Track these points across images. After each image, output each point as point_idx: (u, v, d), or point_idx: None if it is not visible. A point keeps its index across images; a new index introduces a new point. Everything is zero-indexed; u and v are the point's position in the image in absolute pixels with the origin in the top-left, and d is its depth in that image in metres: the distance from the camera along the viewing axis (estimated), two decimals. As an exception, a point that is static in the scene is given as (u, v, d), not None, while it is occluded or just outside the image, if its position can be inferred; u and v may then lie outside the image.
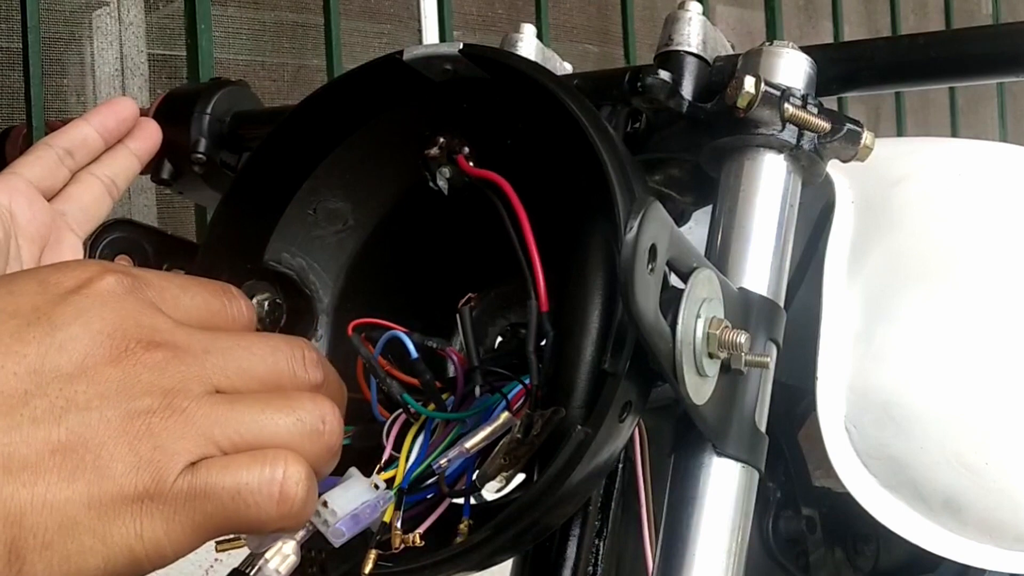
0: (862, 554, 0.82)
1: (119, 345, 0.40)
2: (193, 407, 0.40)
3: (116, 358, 0.40)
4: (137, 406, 0.39)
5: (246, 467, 0.40)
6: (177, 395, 0.40)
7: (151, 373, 0.40)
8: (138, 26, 1.72)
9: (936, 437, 0.67)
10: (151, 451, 0.39)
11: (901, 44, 0.62)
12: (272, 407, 0.42)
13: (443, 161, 0.57)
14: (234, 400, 0.41)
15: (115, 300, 0.41)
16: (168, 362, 0.40)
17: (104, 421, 0.39)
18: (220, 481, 0.40)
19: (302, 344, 0.45)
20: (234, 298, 0.46)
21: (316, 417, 0.42)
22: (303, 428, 0.42)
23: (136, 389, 0.40)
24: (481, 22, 2.09)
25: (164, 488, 0.39)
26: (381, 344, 0.53)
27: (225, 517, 0.40)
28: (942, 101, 2.72)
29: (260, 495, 0.40)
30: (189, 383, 0.41)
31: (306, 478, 0.41)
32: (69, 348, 0.39)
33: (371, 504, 0.47)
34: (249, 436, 0.41)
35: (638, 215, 0.44)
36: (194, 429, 0.40)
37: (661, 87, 0.59)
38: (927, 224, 0.72)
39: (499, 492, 0.51)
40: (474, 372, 0.54)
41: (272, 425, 0.41)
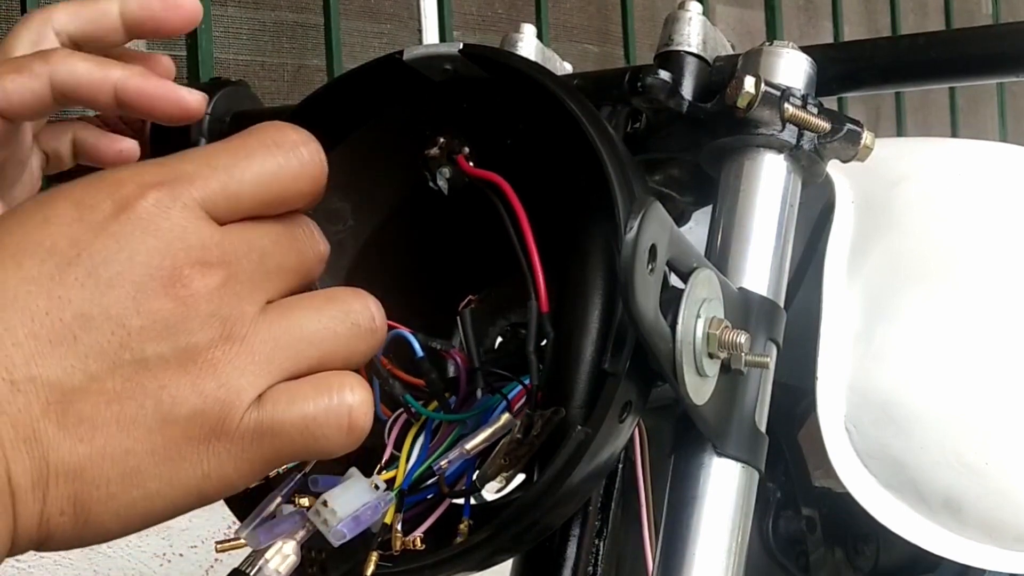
0: (862, 554, 0.82)
1: (170, 275, 0.37)
2: (251, 333, 0.38)
3: (168, 290, 0.37)
4: (196, 341, 0.37)
5: (312, 398, 0.39)
6: (236, 322, 0.38)
7: (208, 302, 0.38)
8: (138, 26, 1.72)
9: (936, 437, 0.67)
10: (216, 390, 0.37)
11: (901, 44, 0.62)
12: (326, 314, 0.40)
13: (443, 161, 0.57)
14: (288, 312, 0.39)
15: (158, 220, 0.38)
16: (223, 286, 0.38)
17: (162, 362, 0.37)
18: (287, 416, 0.38)
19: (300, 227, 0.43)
20: (293, 145, 0.41)
21: (368, 316, 0.41)
22: (359, 331, 0.41)
23: (194, 322, 0.37)
24: (481, 22, 2.09)
25: (231, 428, 0.38)
26: (385, 343, 0.53)
27: (293, 451, 0.39)
28: (942, 101, 2.72)
29: (328, 427, 0.39)
30: (245, 304, 0.38)
31: (370, 402, 0.40)
32: (117, 287, 0.37)
33: (372, 505, 0.47)
34: (311, 353, 0.40)
35: (638, 215, 0.44)
36: (256, 359, 0.38)
37: (661, 87, 0.59)
38: (927, 224, 0.72)
39: (499, 492, 0.51)
40: (475, 373, 0.54)
41: (332, 336, 0.40)
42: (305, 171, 0.42)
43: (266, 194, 0.41)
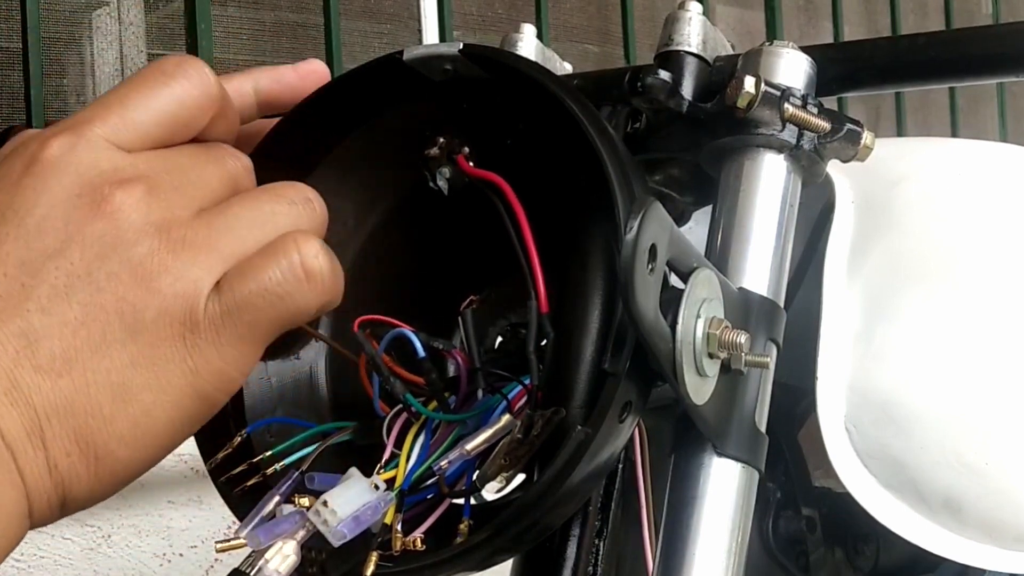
0: (862, 554, 0.82)
1: (92, 198, 0.39)
2: (191, 233, 0.40)
3: (95, 212, 0.39)
4: (139, 250, 0.39)
5: (262, 265, 0.40)
6: (172, 226, 0.39)
7: (136, 213, 0.39)
8: (138, 26, 1.72)
9: (936, 437, 0.67)
10: (172, 285, 0.39)
11: (901, 44, 0.62)
12: (261, 201, 0.42)
13: (443, 161, 0.57)
14: (223, 210, 0.41)
15: (66, 158, 0.40)
16: (147, 195, 0.40)
17: (112, 277, 0.38)
18: (246, 288, 0.39)
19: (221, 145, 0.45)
20: (190, 76, 0.43)
21: (302, 196, 0.43)
22: (298, 209, 0.42)
23: (130, 235, 0.39)
24: (481, 22, 2.09)
25: (198, 316, 0.39)
26: (386, 341, 0.53)
27: (268, 318, 0.40)
28: (942, 101, 2.72)
29: (288, 283, 0.40)
30: (175, 210, 0.40)
31: (321, 249, 0.41)
32: (45, 227, 0.38)
33: (372, 505, 0.47)
34: (253, 237, 0.41)
35: (638, 215, 0.44)
36: (202, 251, 0.39)
37: (661, 87, 0.59)
38: (927, 224, 0.72)
39: (499, 492, 0.51)
40: (476, 374, 0.54)
41: (271, 217, 0.41)
42: (198, 91, 0.43)
43: (166, 118, 0.42)
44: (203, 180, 0.42)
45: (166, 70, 0.43)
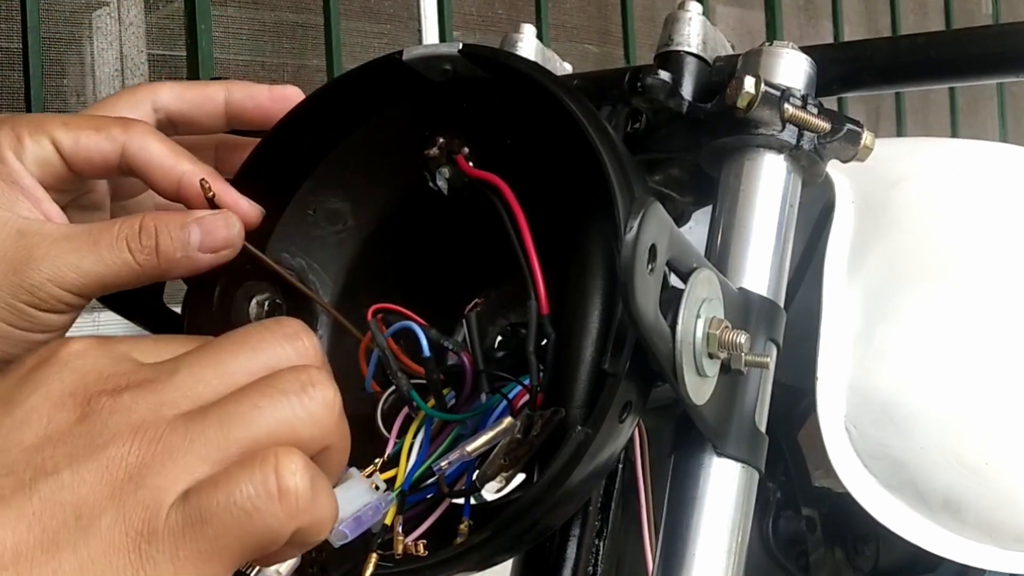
0: (862, 554, 0.82)
1: (81, 401, 0.38)
2: (167, 434, 0.38)
3: (81, 415, 0.38)
4: (110, 453, 0.37)
5: (235, 477, 0.37)
6: (149, 427, 0.38)
7: (118, 416, 0.38)
8: (138, 26, 1.72)
9: (936, 437, 0.67)
10: (134, 492, 0.37)
11: (901, 44, 0.62)
12: (249, 394, 0.39)
13: (442, 161, 0.57)
14: (209, 408, 0.39)
15: (78, 359, 0.40)
16: (135, 398, 0.38)
17: (77, 478, 0.37)
18: (212, 500, 0.37)
19: (277, 322, 0.43)
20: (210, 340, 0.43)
21: (299, 386, 0.40)
22: (288, 402, 0.39)
23: (104, 436, 0.38)
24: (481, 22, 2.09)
25: (157, 527, 0.37)
26: (392, 330, 0.53)
27: (233, 535, 0.37)
28: (942, 101, 2.72)
29: (258, 499, 0.37)
30: (160, 409, 0.38)
31: (303, 467, 0.38)
32: (30, 420, 0.38)
33: (373, 505, 0.47)
34: (236, 439, 0.38)
35: (638, 215, 0.44)
36: (175, 456, 0.37)
37: (661, 87, 0.59)
38: (927, 224, 0.72)
39: (499, 492, 0.51)
40: (480, 376, 0.54)
41: (256, 416, 0.39)
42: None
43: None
44: (219, 374, 0.40)
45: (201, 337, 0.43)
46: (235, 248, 0.54)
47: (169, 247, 0.52)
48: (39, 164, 0.55)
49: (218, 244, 0.53)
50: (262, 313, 0.60)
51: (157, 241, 0.52)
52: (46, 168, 0.55)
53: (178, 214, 0.53)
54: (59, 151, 0.55)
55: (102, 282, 0.53)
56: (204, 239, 0.53)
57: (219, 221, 0.53)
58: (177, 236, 0.52)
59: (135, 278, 0.53)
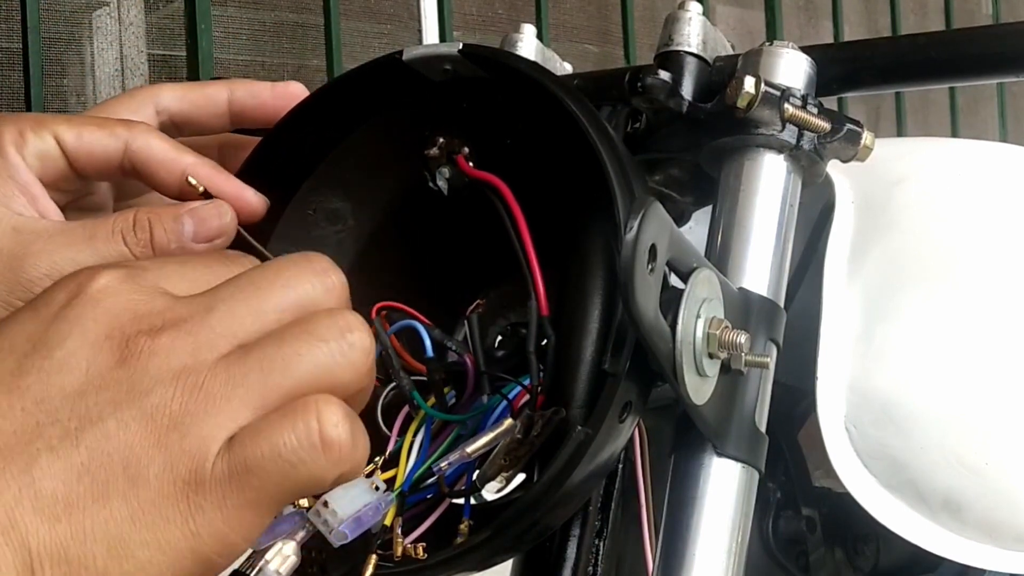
0: (862, 554, 0.82)
1: (119, 343, 0.38)
2: (209, 379, 0.38)
3: (120, 358, 0.38)
4: (153, 401, 0.37)
5: (278, 427, 0.38)
6: (191, 373, 0.38)
7: (158, 359, 0.38)
8: (138, 26, 1.72)
9: (936, 437, 0.67)
10: (179, 442, 0.37)
11: (901, 44, 0.62)
12: (288, 339, 0.39)
13: (442, 161, 0.57)
14: (249, 351, 0.39)
15: (109, 296, 0.39)
16: (174, 341, 0.38)
17: (122, 426, 0.37)
18: (257, 450, 0.37)
19: (305, 258, 0.42)
20: (235, 259, 0.44)
21: (338, 331, 0.40)
22: (328, 349, 0.40)
23: (145, 382, 0.38)
24: (481, 22, 2.09)
25: (204, 476, 0.37)
26: (395, 328, 0.54)
27: (278, 484, 0.38)
28: (942, 101, 2.72)
29: (303, 450, 0.38)
30: (200, 353, 0.38)
31: (343, 416, 0.38)
32: (70, 364, 0.38)
33: (373, 506, 0.47)
34: (277, 385, 0.39)
35: (638, 215, 0.44)
36: (218, 403, 0.38)
37: (661, 87, 0.59)
38: (927, 224, 0.72)
39: (499, 492, 0.51)
40: (483, 378, 0.54)
41: (296, 361, 0.39)
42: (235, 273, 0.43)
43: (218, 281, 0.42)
44: (253, 311, 0.40)
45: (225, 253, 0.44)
46: (229, 237, 0.54)
47: (163, 239, 0.52)
48: (40, 158, 0.55)
49: (211, 233, 0.53)
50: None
51: (151, 233, 0.52)
52: (47, 163, 0.55)
53: (172, 207, 0.53)
54: (61, 147, 0.55)
55: None
56: (198, 229, 0.53)
57: (211, 210, 0.53)
58: (171, 228, 0.52)
59: None
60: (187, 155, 0.55)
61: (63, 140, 0.55)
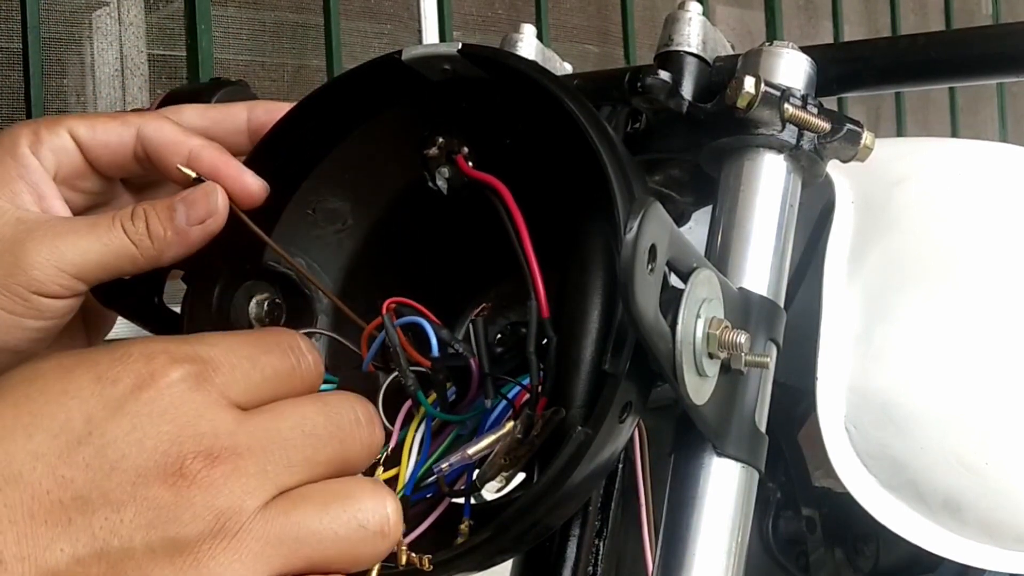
0: (862, 554, 0.82)
1: (174, 464, 0.37)
2: (245, 530, 0.38)
3: (169, 479, 0.37)
4: (186, 532, 0.37)
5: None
6: (232, 516, 0.38)
7: (206, 495, 0.37)
8: (138, 26, 1.72)
9: (936, 437, 0.67)
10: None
11: (901, 44, 0.62)
12: (332, 512, 0.39)
13: (442, 161, 0.57)
14: (291, 510, 0.39)
15: (177, 404, 0.38)
16: (227, 479, 0.38)
17: (148, 552, 0.37)
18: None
19: (364, 409, 0.43)
20: (303, 353, 0.43)
21: (379, 519, 0.40)
22: (365, 535, 0.40)
23: (187, 514, 0.37)
24: (481, 22, 2.09)
25: None
26: (399, 323, 0.54)
27: None
28: (942, 101, 2.72)
29: None
30: (246, 498, 0.38)
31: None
32: (120, 472, 0.37)
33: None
34: (307, 553, 0.39)
35: (638, 215, 0.44)
36: (244, 557, 0.37)
37: (661, 87, 0.59)
38: (927, 224, 0.72)
39: (499, 492, 0.51)
40: (486, 380, 0.54)
41: (332, 536, 0.39)
42: (309, 375, 0.43)
43: (281, 388, 0.42)
44: (309, 463, 0.40)
45: (292, 345, 0.43)
46: (220, 217, 0.55)
47: (158, 227, 0.53)
48: (56, 152, 0.56)
49: (201, 215, 0.54)
50: (261, 313, 0.60)
51: (148, 223, 0.53)
52: (63, 157, 0.56)
53: (168, 198, 0.55)
54: (76, 141, 0.56)
55: (101, 263, 0.53)
56: (189, 212, 0.54)
57: (198, 193, 0.55)
58: (164, 216, 0.54)
59: (132, 261, 0.54)
60: (194, 139, 0.56)
61: (77, 134, 0.56)
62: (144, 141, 0.56)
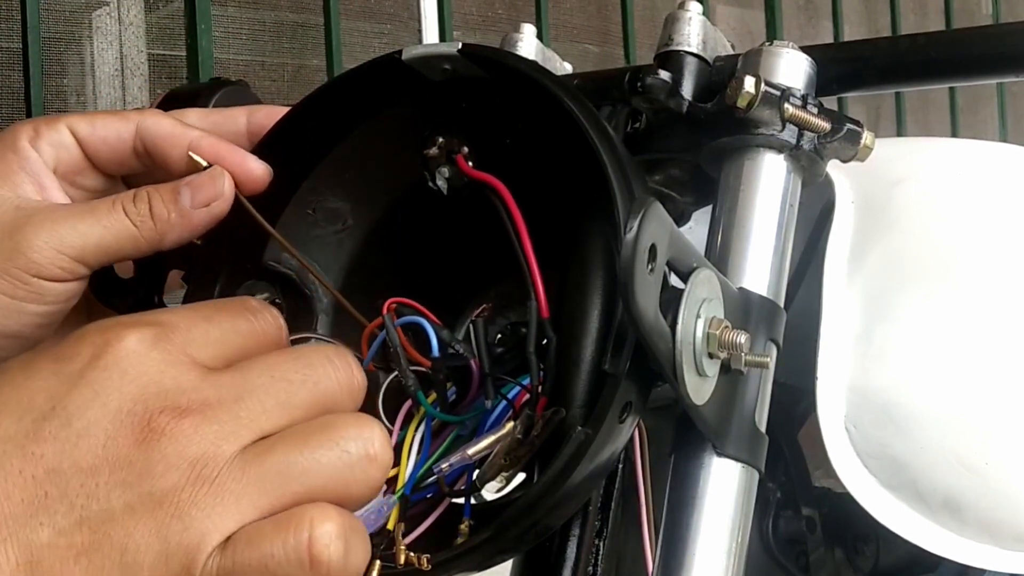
0: (862, 554, 0.82)
1: (141, 421, 0.38)
2: (224, 473, 0.37)
3: (139, 437, 0.37)
4: (161, 485, 0.37)
5: (269, 537, 0.37)
6: (208, 463, 0.37)
7: (178, 444, 0.37)
8: (138, 26, 1.72)
9: (936, 437, 0.67)
10: (180, 534, 0.37)
11: (901, 44, 0.62)
12: (312, 443, 0.39)
13: (442, 161, 0.57)
14: (271, 449, 0.39)
15: (137, 364, 0.39)
16: (198, 427, 0.38)
17: (128, 511, 0.37)
18: (246, 558, 0.37)
19: (337, 353, 0.42)
20: (259, 311, 0.43)
21: (362, 444, 0.40)
22: (349, 460, 0.39)
23: (161, 467, 0.37)
24: (481, 22, 2.09)
25: (194, 572, 0.37)
26: (400, 322, 0.54)
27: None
28: (942, 101, 2.72)
29: (288, 565, 0.37)
30: (222, 443, 0.38)
31: (339, 533, 0.38)
32: (87, 438, 0.37)
33: (375, 509, 0.47)
34: (293, 488, 0.38)
35: (638, 215, 0.44)
36: (226, 499, 0.37)
37: (661, 87, 0.59)
38: (927, 224, 0.72)
39: (499, 492, 0.51)
40: (486, 380, 0.54)
41: (316, 469, 0.39)
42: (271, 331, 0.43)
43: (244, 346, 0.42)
44: (281, 406, 0.40)
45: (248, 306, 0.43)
46: (226, 200, 0.55)
47: (162, 209, 0.53)
48: (55, 147, 0.56)
49: (207, 197, 0.54)
50: (262, 313, 0.60)
51: (150, 204, 0.53)
52: (62, 152, 0.56)
53: (172, 182, 0.55)
54: (76, 136, 0.56)
55: (101, 246, 0.53)
56: (194, 195, 0.54)
57: (205, 177, 0.55)
58: (168, 198, 0.54)
59: (134, 244, 0.53)
60: (192, 130, 0.57)
61: (77, 130, 0.56)
62: (143, 134, 0.56)
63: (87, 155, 0.57)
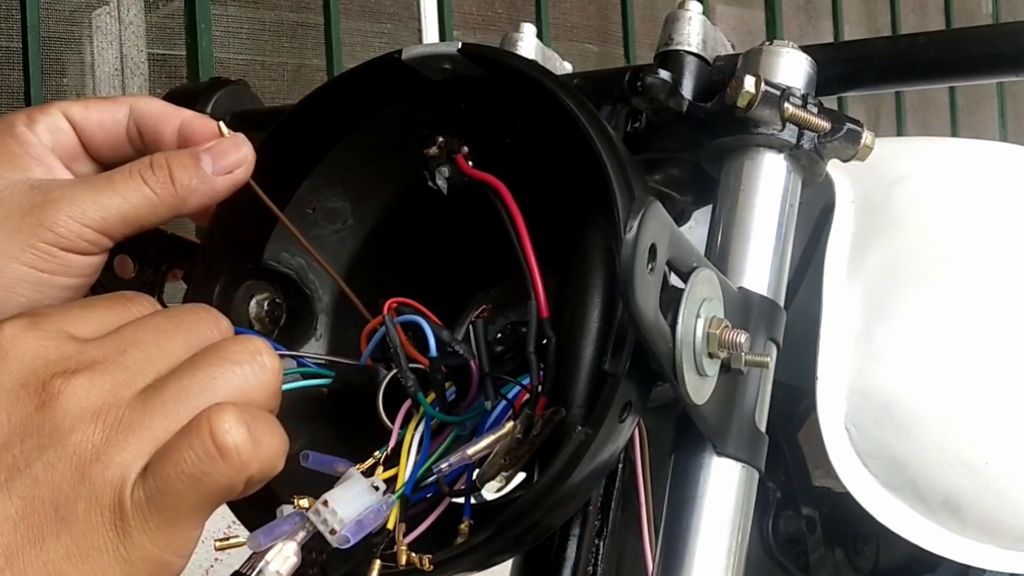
0: (862, 554, 0.82)
1: (36, 390, 0.39)
2: (127, 413, 0.39)
3: (39, 403, 0.39)
4: (75, 438, 0.39)
5: (177, 446, 0.39)
6: (111, 408, 0.39)
7: (78, 399, 0.39)
8: (138, 26, 1.72)
9: (936, 437, 0.67)
10: (102, 473, 0.38)
11: (901, 44, 0.62)
12: (202, 366, 0.41)
13: (442, 160, 0.57)
14: (166, 381, 0.41)
15: (17, 345, 0.40)
16: (92, 380, 0.40)
17: (49, 468, 0.38)
18: (165, 472, 0.39)
19: (198, 308, 0.45)
20: (133, 299, 0.45)
21: (249, 356, 0.42)
22: (241, 371, 0.42)
23: (68, 421, 0.39)
24: (481, 22, 2.09)
25: (125, 504, 0.38)
26: (399, 320, 0.54)
27: (191, 500, 0.39)
28: (942, 101, 2.73)
29: (202, 463, 0.39)
30: (119, 390, 0.40)
31: (237, 421, 0.40)
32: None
33: (374, 509, 0.47)
34: (195, 409, 0.40)
35: (638, 215, 0.44)
36: (137, 433, 0.39)
37: (661, 87, 0.59)
38: (927, 224, 0.72)
39: (499, 492, 0.51)
40: (486, 380, 0.54)
41: (212, 385, 0.41)
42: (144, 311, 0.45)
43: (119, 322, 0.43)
44: (164, 352, 0.42)
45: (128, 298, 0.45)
46: (248, 167, 0.55)
47: (183, 175, 0.54)
48: (52, 131, 0.56)
49: (231, 164, 0.55)
50: (261, 312, 0.60)
51: (171, 171, 0.54)
52: (59, 136, 0.57)
53: (187, 149, 0.55)
54: (70, 121, 0.57)
55: (122, 216, 0.53)
56: (216, 161, 0.54)
57: (227, 143, 0.55)
58: (189, 164, 0.54)
59: (153, 212, 0.54)
60: (184, 111, 0.58)
61: (71, 114, 0.57)
62: (136, 115, 0.57)
63: (82, 140, 0.57)
